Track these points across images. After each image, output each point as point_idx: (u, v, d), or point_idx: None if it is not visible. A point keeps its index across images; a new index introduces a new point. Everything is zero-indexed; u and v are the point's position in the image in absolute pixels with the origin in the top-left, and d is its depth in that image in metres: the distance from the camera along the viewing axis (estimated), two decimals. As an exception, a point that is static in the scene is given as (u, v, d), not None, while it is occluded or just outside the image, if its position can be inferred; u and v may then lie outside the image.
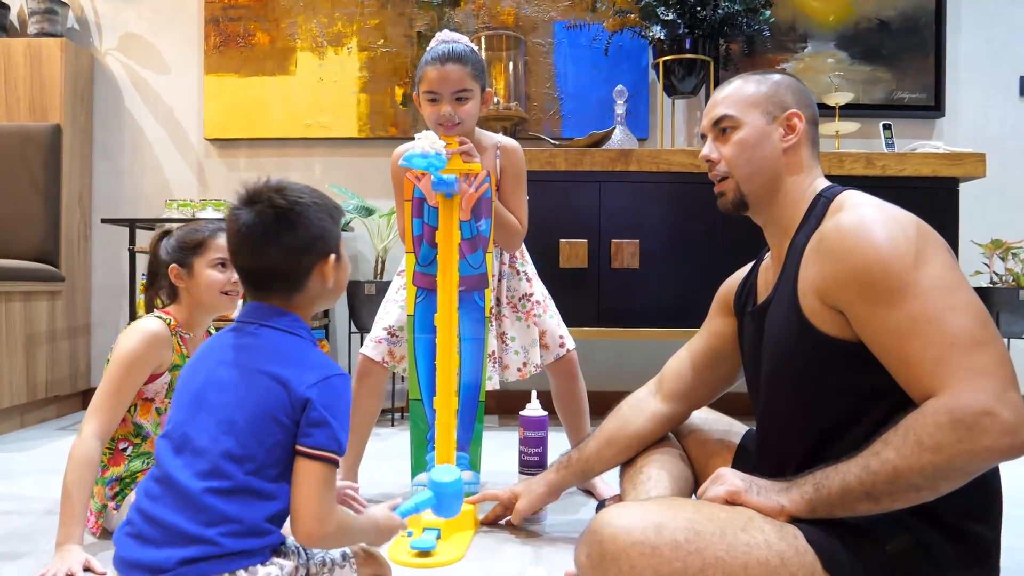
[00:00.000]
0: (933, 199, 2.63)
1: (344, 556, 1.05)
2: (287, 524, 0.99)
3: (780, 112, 1.21)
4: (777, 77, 1.25)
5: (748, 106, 1.22)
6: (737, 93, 1.24)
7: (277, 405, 0.97)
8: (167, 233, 1.66)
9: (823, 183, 1.21)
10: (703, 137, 1.29)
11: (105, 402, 1.46)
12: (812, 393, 1.11)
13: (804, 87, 1.26)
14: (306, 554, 1.02)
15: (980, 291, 2.75)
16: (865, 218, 1.04)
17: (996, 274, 2.84)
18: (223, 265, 1.59)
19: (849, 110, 3.01)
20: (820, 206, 1.15)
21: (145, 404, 1.58)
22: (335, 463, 0.98)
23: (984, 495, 1.02)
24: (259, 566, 0.94)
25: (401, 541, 1.50)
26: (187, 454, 0.96)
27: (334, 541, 1.00)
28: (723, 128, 1.24)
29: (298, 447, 0.97)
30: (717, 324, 1.41)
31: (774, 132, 1.21)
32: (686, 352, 1.46)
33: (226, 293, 1.60)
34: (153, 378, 1.55)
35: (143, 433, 1.59)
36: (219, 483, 0.94)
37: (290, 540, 1.01)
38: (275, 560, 0.96)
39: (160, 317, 1.56)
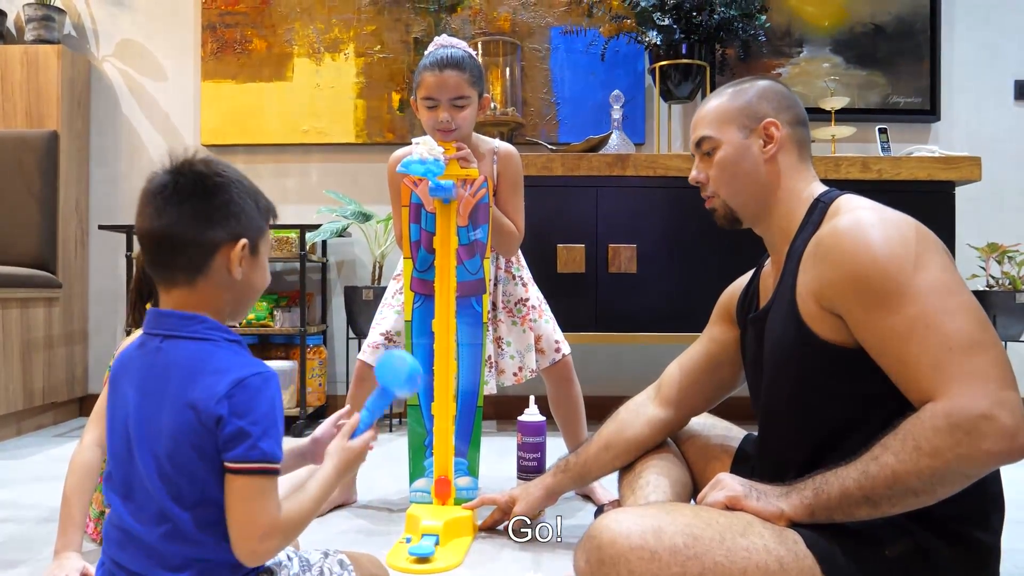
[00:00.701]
0: (929, 203, 2.63)
1: (341, 564, 1.03)
2: None
3: (756, 123, 1.21)
4: (752, 86, 1.24)
5: (724, 123, 1.23)
6: (713, 112, 1.24)
7: (192, 433, 0.87)
8: None
9: (819, 187, 1.21)
10: (693, 157, 1.30)
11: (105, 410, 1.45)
12: (812, 398, 1.11)
13: (782, 89, 1.25)
14: (301, 565, 0.99)
15: (976, 295, 2.75)
16: (862, 222, 1.04)
17: (992, 277, 2.85)
18: None
19: (845, 114, 3.03)
20: (818, 211, 1.15)
21: None
22: (265, 472, 0.87)
23: (984, 501, 1.02)
24: None
25: (399, 547, 1.50)
26: (132, 502, 0.90)
27: (284, 542, 0.91)
28: (705, 150, 1.25)
29: (224, 463, 0.87)
30: (717, 331, 1.42)
31: (753, 145, 1.21)
32: (685, 358, 1.46)
33: None
34: None
35: None
36: (170, 527, 0.87)
37: (284, 551, 0.99)
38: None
39: None
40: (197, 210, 0.93)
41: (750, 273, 1.39)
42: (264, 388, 0.90)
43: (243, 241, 0.95)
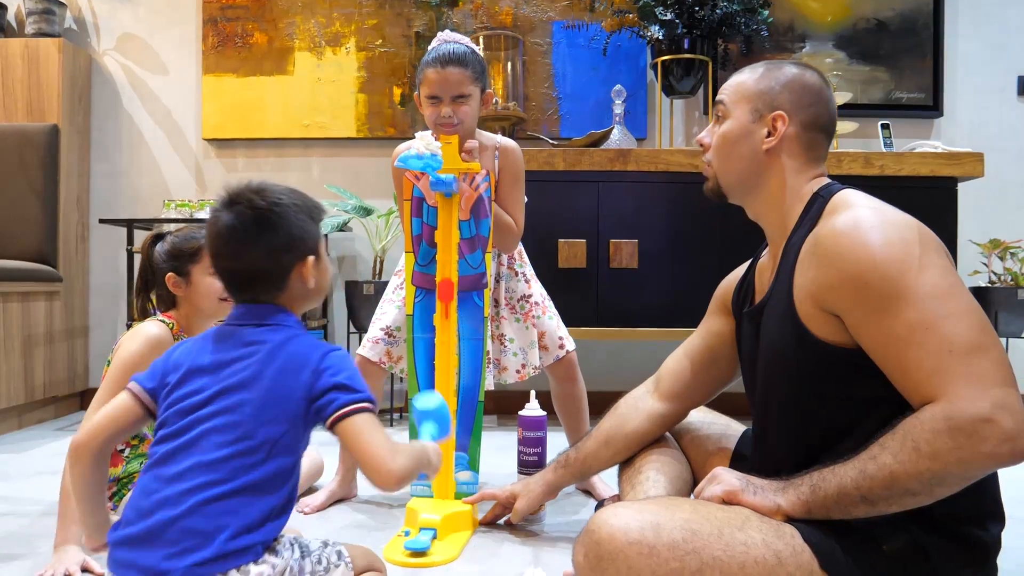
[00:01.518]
0: (931, 199, 2.63)
1: (339, 555, 1.05)
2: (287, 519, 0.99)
3: (768, 112, 1.19)
4: (784, 72, 1.20)
5: (741, 99, 1.21)
6: (737, 83, 1.23)
7: (291, 399, 1.00)
8: (160, 237, 1.62)
9: (821, 181, 1.18)
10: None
11: (102, 406, 1.44)
12: (809, 398, 1.10)
13: (813, 86, 1.19)
14: (301, 551, 1.01)
15: (978, 291, 2.75)
16: (861, 222, 1.02)
17: (994, 274, 2.84)
18: None
19: (847, 110, 3.02)
20: (816, 206, 1.13)
21: None
22: (371, 410, 1.00)
23: (982, 499, 1.02)
24: (251, 564, 0.93)
25: (397, 540, 1.50)
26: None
27: (410, 462, 1.00)
28: (718, 114, 1.24)
29: (335, 412, 0.99)
30: (714, 323, 1.41)
31: (757, 131, 1.19)
32: (683, 351, 1.45)
33: (225, 299, 1.59)
34: None
35: (141, 435, 1.59)
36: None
37: (286, 537, 1.00)
38: (267, 558, 0.95)
39: (163, 321, 1.56)
40: (269, 246, 1.05)
41: (746, 264, 1.38)
42: (348, 356, 1.06)
43: (311, 258, 1.08)
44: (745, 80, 1.22)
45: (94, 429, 1.03)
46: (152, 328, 1.52)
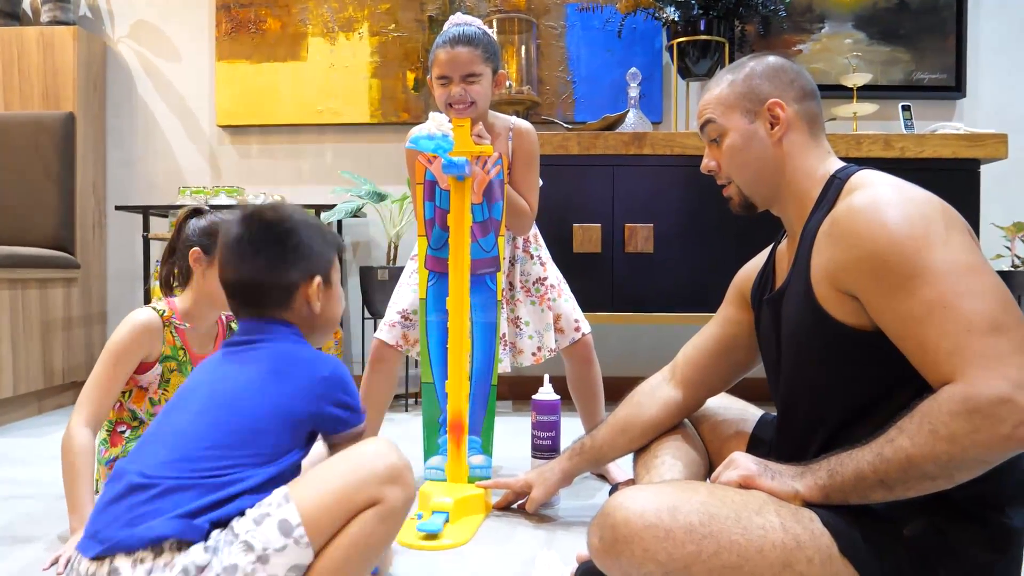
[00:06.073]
0: (953, 181, 2.58)
1: (287, 531, 0.91)
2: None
3: (759, 106, 1.17)
4: (748, 67, 1.19)
5: (727, 109, 1.19)
6: (715, 98, 1.21)
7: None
8: (199, 212, 1.61)
9: (835, 163, 1.16)
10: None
11: (92, 393, 1.45)
12: (830, 382, 1.08)
13: (782, 64, 1.19)
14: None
15: (1001, 275, 2.70)
16: (879, 199, 1.00)
17: (1017, 257, 2.79)
18: None
19: (867, 91, 2.97)
20: (833, 188, 1.11)
21: (139, 392, 1.61)
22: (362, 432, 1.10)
23: (1006, 483, 0.99)
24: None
25: (408, 524, 1.50)
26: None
27: None
28: (712, 137, 1.22)
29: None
30: (732, 312, 1.39)
31: (759, 129, 1.17)
32: (700, 339, 1.44)
33: None
34: (145, 368, 1.56)
35: (139, 417, 1.62)
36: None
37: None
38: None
39: (155, 308, 1.56)
40: (273, 257, 1.05)
41: (765, 252, 1.36)
42: (345, 373, 1.07)
43: (317, 279, 1.08)
44: (720, 91, 1.21)
45: None
46: (140, 315, 1.53)
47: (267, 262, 1.05)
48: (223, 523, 0.92)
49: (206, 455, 0.93)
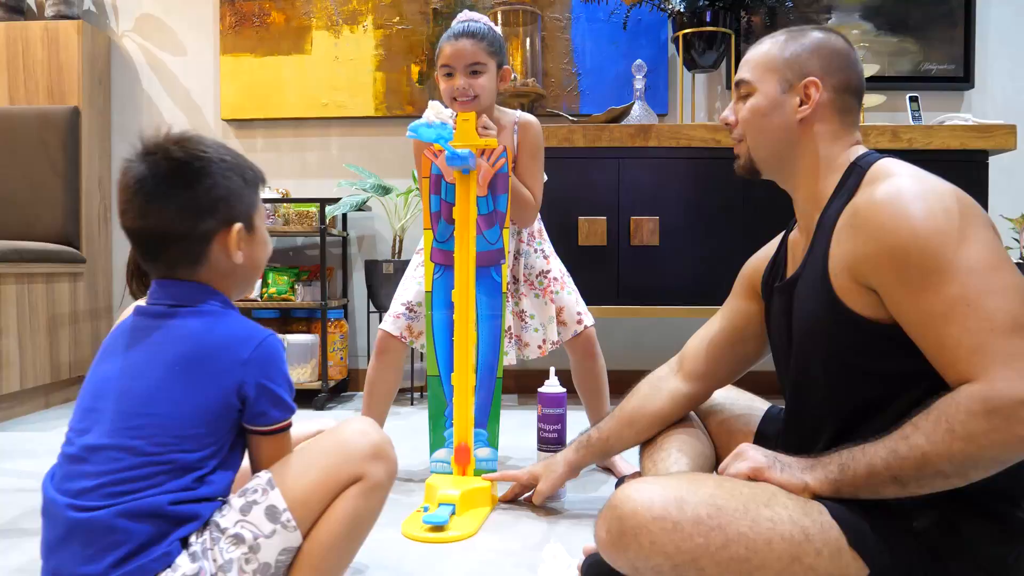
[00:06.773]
0: (962, 172, 2.55)
1: (274, 516, 0.92)
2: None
3: (798, 80, 1.14)
4: (809, 38, 1.16)
5: (766, 71, 1.17)
6: (761, 56, 1.19)
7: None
8: None
9: (858, 150, 1.14)
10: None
11: None
12: (843, 374, 1.07)
13: (842, 47, 1.15)
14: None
15: (1009, 266, 2.68)
16: (902, 191, 0.98)
17: (1026, 249, 2.77)
18: None
19: (875, 82, 2.94)
20: (853, 176, 1.09)
21: None
22: (290, 426, 0.99)
23: (1020, 477, 0.98)
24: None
25: (416, 516, 1.50)
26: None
27: None
28: (742, 93, 1.20)
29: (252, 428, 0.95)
30: (741, 304, 1.38)
31: (788, 101, 1.15)
32: (707, 331, 1.43)
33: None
34: None
35: None
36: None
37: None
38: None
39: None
40: (183, 203, 0.89)
41: (775, 241, 1.34)
42: (279, 349, 0.96)
43: (238, 226, 0.93)
44: (769, 50, 1.18)
45: None
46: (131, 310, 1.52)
47: (178, 208, 0.89)
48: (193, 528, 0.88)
49: (132, 475, 0.86)
